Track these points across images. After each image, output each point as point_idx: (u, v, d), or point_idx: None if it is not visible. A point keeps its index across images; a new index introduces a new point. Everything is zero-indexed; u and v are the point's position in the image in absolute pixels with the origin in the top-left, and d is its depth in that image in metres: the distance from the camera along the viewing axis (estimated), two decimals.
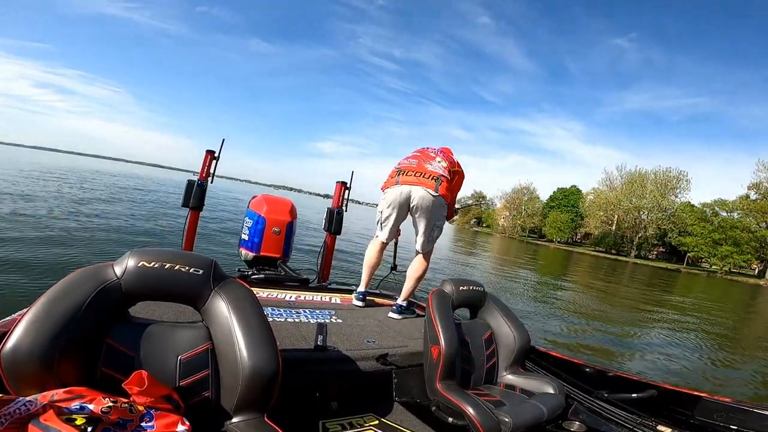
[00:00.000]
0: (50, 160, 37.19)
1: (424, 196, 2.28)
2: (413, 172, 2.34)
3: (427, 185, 2.28)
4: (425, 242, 2.43)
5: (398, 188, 2.35)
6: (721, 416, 1.36)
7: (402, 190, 2.33)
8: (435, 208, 2.32)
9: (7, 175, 13.49)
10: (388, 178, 2.45)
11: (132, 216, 9.03)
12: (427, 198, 2.28)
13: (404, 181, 2.33)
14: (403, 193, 2.33)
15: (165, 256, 1.04)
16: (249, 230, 2.96)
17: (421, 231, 2.41)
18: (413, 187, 2.30)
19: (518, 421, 1.35)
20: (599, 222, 54.29)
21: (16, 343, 0.82)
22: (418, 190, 2.29)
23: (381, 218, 2.48)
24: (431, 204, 2.30)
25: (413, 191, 2.30)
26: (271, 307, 2.07)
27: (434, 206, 2.31)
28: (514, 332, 1.82)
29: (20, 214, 6.60)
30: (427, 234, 2.40)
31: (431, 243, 2.46)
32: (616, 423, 1.57)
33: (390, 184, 2.40)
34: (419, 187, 2.29)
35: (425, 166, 2.36)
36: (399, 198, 2.34)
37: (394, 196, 2.36)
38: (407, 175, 2.34)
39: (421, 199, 2.29)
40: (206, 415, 0.99)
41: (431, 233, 2.42)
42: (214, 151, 2.93)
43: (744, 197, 43.76)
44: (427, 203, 2.30)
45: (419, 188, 2.29)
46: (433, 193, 2.27)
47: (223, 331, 1.03)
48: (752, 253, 41.03)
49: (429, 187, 2.27)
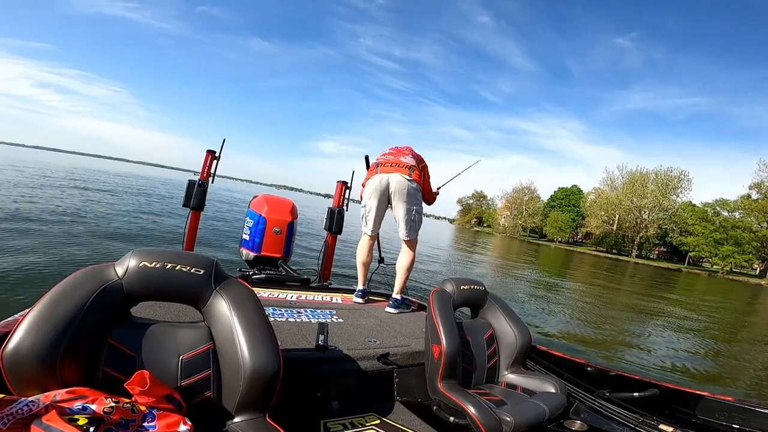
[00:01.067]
0: (51, 160, 37.25)
1: (400, 181, 2.53)
2: (389, 163, 2.61)
3: (402, 172, 2.55)
4: (408, 229, 2.62)
5: (377, 177, 2.59)
6: (723, 415, 1.36)
7: (381, 177, 2.58)
8: (411, 191, 2.56)
9: (7, 175, 13.50)
10: (368, 173, 2.69)
11: (133, 216, 9.04)
12: (402, 182, 2.53)
13: (382, 170, 2.60)
14: (382, 180, 2.57)
15: (166, 256, 1.04)
16: (250, 230, 2.97)
17: (402, 216, 2.60)
18: (390, 174, 2.56)
19: (520, 420, 1.35)
20: (600, 222, 54.20)
21: (18, 343, 0.83)
22: (394, 176, 2.55)
23: (365, 212, 2.68)
24: (407, 188, 2.54)
25: (390, 177, 2.55)
26: (272, 307, 2.08)
27: (410, 190, 2.55)
28: (516, 331, 1.82)
29: (21, 215, 6.61)
30: (408, 218, 2.60)
31: (414, 231, 2.64)
32: (617, 422, 1.57)
33: (370, 175, 2.65)
34: (395, 173, 2.55)
35: (400, 158, 2.63)
36: (379, 186, 2.58)
37: (374, 185, 2.59)
38: (384, 166, 2.61)
39: (397, 183, 2.54)
40: (208, 415, 0.99)
41: (411, 218, 2.61)
42: (215, 151, 2.93)
43: (745, 197, 43.65)
44: (403, 187, 2.54)
45: (395, 174, 2.55)
46: (408, 178, 2.54)
47: (225, 331, 1.03)
48: (754, 253, 40.93)
49: (404, 173, 2.55)
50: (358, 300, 2.61)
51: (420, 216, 2.66)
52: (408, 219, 2.59)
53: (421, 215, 2.67)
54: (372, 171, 2.65)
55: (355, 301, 2.61)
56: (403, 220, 2.59)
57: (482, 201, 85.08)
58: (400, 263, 2.67)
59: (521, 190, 68.94)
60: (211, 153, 2.89)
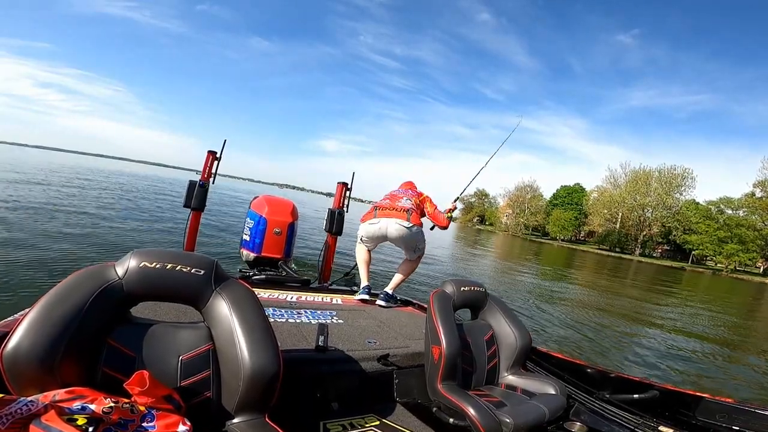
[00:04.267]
0: (53, 160, 37.41)
1: (399, 230, 2.67)
2: (387, 208, 2.75)
3: (399, 216, 2.68)
4: (412, 254, 2.82)
5: (376, 222, 2.72)
6: (723, 417, 1.35)
7: (380, 224, 2.71)
8: (410, 236, 2.69)
9: (8, 175, 13.54)
10: (366, 214, 2.82)
11: (133, 216, 9.06)
12: (401, 230, 2.67)
13: (381, 215, 2.73)
14: (381, 227, 2.71)
15: (166, 256, 1.04)
16: (250, 231, 2.97)
17: (404, 250, 2.83)
18: (388, 219, 2.69)
19: (519, 421, 1.35)
20: (603, 220, 54.00)
21: (18, 343, 0.83)
22: (391, 223, 2.67)
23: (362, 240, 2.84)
24: (405, 234, 2.68)
25: (389, 225, 2.68)
26: (272, 308, 2.08)
27: (409, 235, 2.69)
28: (516, 333, 1.82)
29: (21, 214, 6.63)
30: (411, 251, 2.81)
31: (417, 255, 2.84)
32: (617, 424, 1.57)
33: (368, 217, 2.77)
34: (392, 219, 2.68)
35: (396, 203, 2.76)
36: (377, 232, 2.73)
37: (373, 231, 2.73)
38: (383, 210, 2.75)
39: (396, 231, 2.67)
40: (207, 416, 0.99)
41: (415, 249, 2.80)
42: (216, 151, 2.93)
43: (749, 195, 43.32)
44: (401, 233, 2.67)
45: (392, 220, 2.68)
46: (406, 223, 2.66)
47: (225, 331, 1.04)
48: (758, 252, 40.67)
49: (401, 218, 2.68)
50: (364, 296, 2.65)
51: (422, 245, 2.82)
52: (410, 251, 2.80)
53: (424, 242, 2.83)
54: (371, 214, 2.78)
55: (361, 298, 2.64)
56: (406, 252, 2.83)
57: (484, 199, 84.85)
58: (402, 268, 2.85)
59: (524, 188, 68.70)
60: (212, 153, 2.89)
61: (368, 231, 2.75)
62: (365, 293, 2.69)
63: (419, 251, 2.82)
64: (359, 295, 2.69)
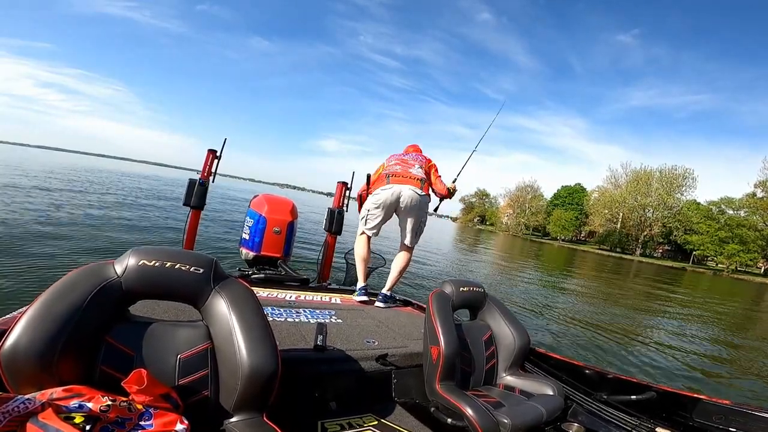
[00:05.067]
0: (54, 160, 37.46)
1: (412, 196, 2.58)
2: (400, 175, 2.65)
3: (414, 185, 2.60)
4: (413, 238, 2.71)
5: (389, 188, 2.60)
6: (720, 418, 1.35)
7: (394, 189, 2.59)
8: (422, 206, 2.62)
9: (8, 175, 13.56)
10: (377, 180, 2.73)
11: (132, 215, 9.06)
12: (415, 197, 2.58)
13: (394, 181, 2.62)
14: (395, 192, 2.59)
15: (166, 254, 1.04)
16: (250, 230, 2.97)
17: (409, 228, 2.68)
18: (402, 186, 2.58)
19: (517, 422, 1.35)
20: (604, 220, 53.96)
21: (16, 341, 0.83)
22: (406, 190, 2.57)
23: (367, 215, 2.71)
24: (419, 202, 2.59)
25: (403, 190, 2.58)
26: (271, 307, 2.08)
27: (421, 204, 2.62)
28: (514, 333, 1.82)
29: (21, 213, 6.63)
30: (415, 230, 2.69)
31: (417, 238, 2.73)
32: (615, 425, 1.57)
33: (380, 183, 2.67)
34: (407, 186, 2.58)
35: (409, 170, 2.67)
36: (390, 198, 2.60)
37: (385, 197, 2.61)
38: (396, 177, 2.64)
39: (410, 198, 2.58)
40: (205, 415, 0.99)
41: (418, 229, 2.70)
42: (216, 150, 2.93)
43: (750, 195, 43.23)
44: (415, 202, 2.58)
45: (407, 187, 2.58)
46: (420, 192, 2.59)
47: (223, 330, 1.03)
48: (759, 252, 40.59)
49: (416, 186, 2.59)
50: (362, 298, 2.61)
51: (424, 225, 2.75)
52: (415, 228, 2.69)
53: (425, 224, 2.76)
54: (382, 180, 2.67)
55: (358, 299, 2.61)
56: (411, 230, 2.69)
57: (485, 199, 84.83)
58: (396, 263, 2.73)
59: (524, 188, 68.66)
60: (212, 152, 2.89)
61: (379, 198, 2.59)
62: (362, 294, 2.64)
63: (421, 231, 2.73)
64: (356, 296, 2.64)
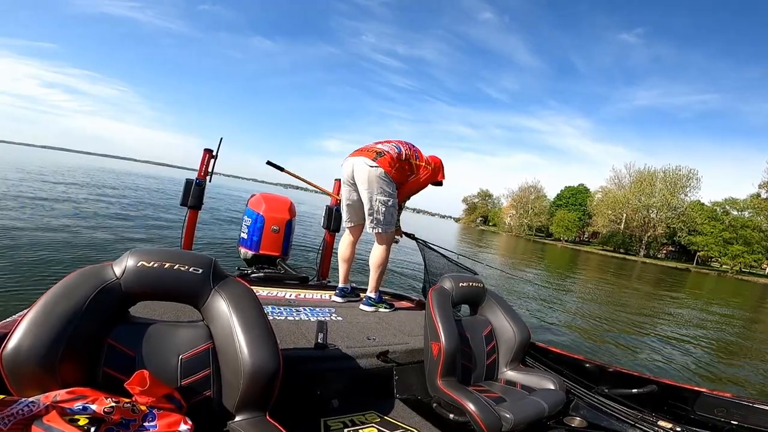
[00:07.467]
0: (59, 160, 37.66)
1: (361, 166, 2.27)
2: (360, 149, 2.38)
3: (366, 155, 2.28)
4: (372, 221, 2.32)
5: (344, 163, 2.40)
6: (721, 411, 1.36)
7: (345, 163, 2.38)
8: (372, 177, 2.24)
9: (8, 175, 13.59)
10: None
11: (131, 215, 9.05)
12: (363, 167, 2.25)
13: (350, 155, 2.38)
14: (347, 166, 2.36)
15: (164, 255, 1.04)
16: (248, 229, 2.98)
17: (365, 206, 2.32)
18: (354, 158, 2.33)
19: (519, 417, 1.36)
20: (607, 221, 53.67)
21: (18, 344, 0.83)
22: (356, 160, 2.30)
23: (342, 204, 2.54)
24: (367, 173, 2.24)
25: (355, 162, 2.31)
26: (271, 306, 2.09)
27: (371, 176, 2.24)
28: (514, 328, 1.82)
29: (21, 212, 6.65)
30: (370, 208, 2.30)
31: (380, 224, 2.31)
32: (616, 418, 1.57)
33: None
34: (358, 157, 2.30)
35: (375, 145, 2.37)
36: (345, 174, 2.38)
37: (342, 172, 2.41)
38: (355, 152, 2.39)
39: (358, 169, 2.28)
40: (208, 414, 1.00)
41: (374, 208, 2.29)
42: (212, 149, 2.94)
43: (755, 196, 42.99)
44: (363, 172, 2.25)
45: (358, 158, 2.30)
46: (370, 162, 2.24)
47: (224, 330, 1.04)
48: (763, 253, 40.33)
49: (368, 157, 2.26)
50: (338, 299, 2.46)
51: (387, 207, 2.29)
52: (370, 209, 2.29)
53: (390, 206, 2.31)
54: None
55: (335, 300, 2.47)
56: (366, 210, 2.32)
57: (488, 200, 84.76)
58: (370, 260, 2.44)
59: (527, 188, 68.53)
60: (208, 152, 2.89)
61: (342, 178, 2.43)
62: (339, 296, 2.46)
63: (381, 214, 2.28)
64: (334, 297, 2.47)
